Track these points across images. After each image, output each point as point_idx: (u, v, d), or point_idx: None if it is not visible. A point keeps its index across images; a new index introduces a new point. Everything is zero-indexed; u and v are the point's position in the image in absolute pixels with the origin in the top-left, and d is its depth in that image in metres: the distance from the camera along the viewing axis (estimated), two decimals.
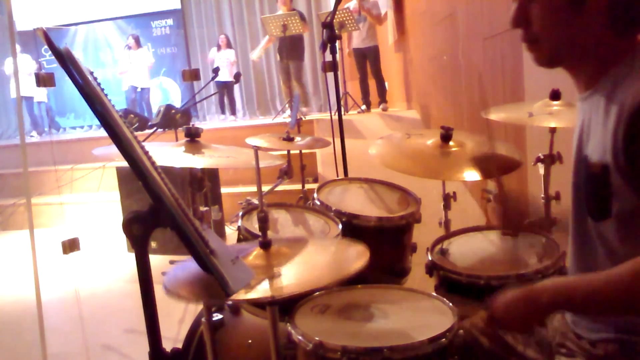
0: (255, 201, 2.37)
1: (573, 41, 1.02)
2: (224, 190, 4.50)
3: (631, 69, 0.96)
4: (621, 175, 0.94)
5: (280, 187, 4.04)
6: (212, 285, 0.94)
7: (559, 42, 1.03)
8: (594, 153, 1.00)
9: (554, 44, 1.03)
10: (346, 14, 6.64)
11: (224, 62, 8.07)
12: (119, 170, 4.33)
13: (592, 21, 0.99)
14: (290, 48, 7.00)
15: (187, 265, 1.25)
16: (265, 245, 1.27)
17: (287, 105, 7.10)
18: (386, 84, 7.44)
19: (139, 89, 8.80)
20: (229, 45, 8.52)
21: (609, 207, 0.98)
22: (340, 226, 1.72)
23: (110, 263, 4.32)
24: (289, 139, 3.10)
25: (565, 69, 1.10)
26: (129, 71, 8.72)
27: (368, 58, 7.14)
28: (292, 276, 1.20)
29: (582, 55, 1.03)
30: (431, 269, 1.61)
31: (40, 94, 9.06)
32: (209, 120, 9.54)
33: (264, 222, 1.26)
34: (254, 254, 1.27)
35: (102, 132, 1.34)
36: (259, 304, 1.46)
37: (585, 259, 1.08)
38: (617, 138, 0.93)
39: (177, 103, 9.54)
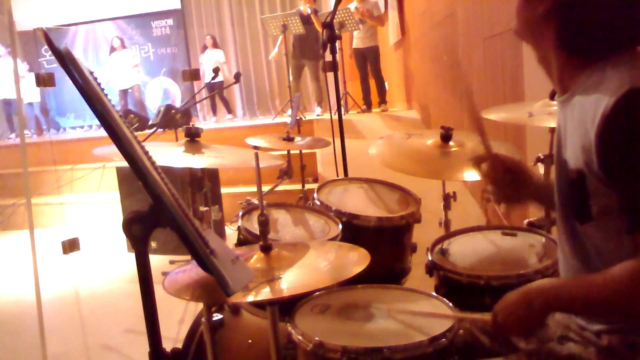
0: (255, 201, 2.37)
1: (529, 30, 1.09)
2: (224, 190, 4.50)
3: (602, 76, 0.98)
4: (596, 179, 0.96)
5: (280, 187, 4.04)
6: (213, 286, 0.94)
7: (519, 20, 1.11)
8: (571, 158, 1.03)
9: (517, 18, 1.11)
10: (346, 14, 6.63)
11: (211, 62, 8.04)
12: (119, 170, 4.33)
13: (542, 27, 1.05)
14: (306, 47, 6.97)
15: (191, 266, 1.25)
16: (266, 249, 1.27)
17: (293, 104, 7.08)
18: (386, 84, 7.44)
19: (129, 90, 8.79)
20: (215, 46, 8.49)
21: (589, 209, 1.00)
22: (340, 226, 1.72)
23: (110, 263, 4.32)
24: (289, 139, 3.10)
25: (539, 64, 1.13)
26: (115, 74, 8.71)
27: (368, 58, 7.14)
28: (292, 278, 1.20)
29: (545, 53, 1.09)
30: (431, 269, 1.61)
31: (32, 95, 8.98)
32: (210, 121, 9.54)
33: (264, 226, 1.25)
34: (255, 258, 1.27)
35: (102, 132, 1.34)
36: (259, 304, 1.46)
37: (579, 260, 1.08)
38: (590, 145, 0.94)
39: (177, 103, 9.53)
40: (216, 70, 3.93)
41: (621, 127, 0.91)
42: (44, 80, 3.05)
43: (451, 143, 1.81)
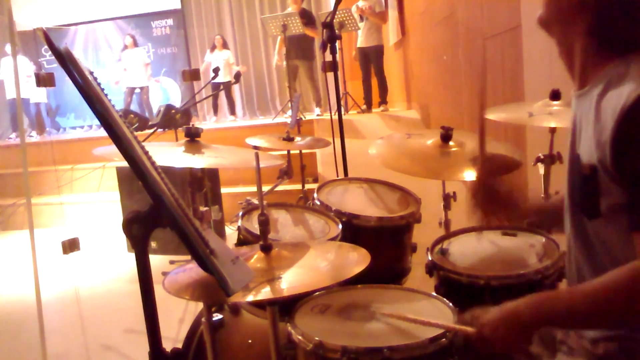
0: (255, 201, 2.37)
1: (558, 21, 1.09)
2: (224, 190, 4.50)
3: (626, 73, 0.97)
4: (608, 175, 0.95)
5: (280, 187, 4.04)
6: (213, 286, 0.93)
7: (548, 9, 1.11)
8: (584, 153, 1.02)
9: (545, 7, 1.11)
10: (346, 14, 6.64)
11: (220, 63, 8.04)
12: (119, 170, 4.33)
13: (575, 17, 1.04)
14: (298, 48, 6.97)
15: (191, 266, 1.25)
16: (266, 248, 1.27)
17: (289, 105, 7.10)
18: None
19: (137, 90, 8.78)
20: (225, 46, 8.49)
21: (599, 206, 0.99)
22: (340, 226, 1.72)
23: (110, 263, 4.32)
24: (289, 139, 3.10)
25: (561, 57, 1.12)
26: (126, 70, 8.71)
27: (371, 57, 7.13)
28: (292, 278, 1.20)
29: (570, 44, 1.08)
30: (431, 269, 1.61)
31: (39, 95, 9.03)
32: (209, 120, 9.54)
33: (264, 226, 1.25)
34: (255, 258, 1.27)
35: (102, 132, 1.34)
36: (259, 304, 1.46)
37: (587, 256, 1.08)
38: (604, 141, 0.94)
39: (177, 103, 9.53)
40: (216, 70, 3.92)
41: (638, 124, 0.90)
42: (44, 80, 3.05)
43: (451, 143, 1.81)
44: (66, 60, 0.81)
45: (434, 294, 1.41)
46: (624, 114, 0.90)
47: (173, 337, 2.32)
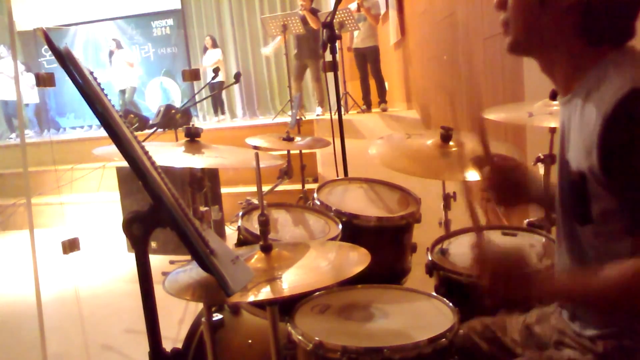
0: (255, 201, 2.37)
1: (539, 34, 1.06)
2: (224, 190, 4.50)
3: (604, 76, 0.97)
4: (597, 181, 0.95)
5: (280, 187, 4.04)
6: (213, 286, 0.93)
7: (524, 30, 1.08)
8: (573, 160, 1.02)
9: (519, 30, 1.09)
10: (346, 14, 6.64)
11: (211, 62, 8.05)
12: (119, 170, 4.33)
13: (561, 24, 1.02)
14: (309, 47, 6.95)
15: (191, 266, 1.25)
16: (266, 249, 1.27)
17: (289, 104, 7.09)
18: (386, 84, 7.45)
19: (125, 90, 8.82)
20: (215, 46, 8.53)
21: (590, 211, 1.00)
22: (340, 226, 1.72)
23: (110, 263, 4.32)
24: (289, 139, 3.10)
25: (543, 72, 1.12)
26: (114, 74, 8.75)
27: (367, 58, 7.15)
28: (292, 278, 1.19)
29: (553, 55, 1.07)
30: (431, 269, 1.61)
31: (31, 96, 9.00)
32: (209, 120, 9.54)
33: (265, 226, 1.25)
34: (255, 258, 1.27)
35: (102, 132, 1.34)
36: (259, 304, 1.46)
37: (577, 261, 1.08)
38: (591, 147, 0.94)
39: (177, 103, 9.53)
40: (216, 70, 3.93)
41: (622, 128, 0.90)
42: (44, 80, 3.05)
43: (451, 143, 1.81)
44: (66, 60, 0.81)
45: (434, 294, 1.41)
46: (607, 119, 0.91)
47: (173, 337, 2.32)
